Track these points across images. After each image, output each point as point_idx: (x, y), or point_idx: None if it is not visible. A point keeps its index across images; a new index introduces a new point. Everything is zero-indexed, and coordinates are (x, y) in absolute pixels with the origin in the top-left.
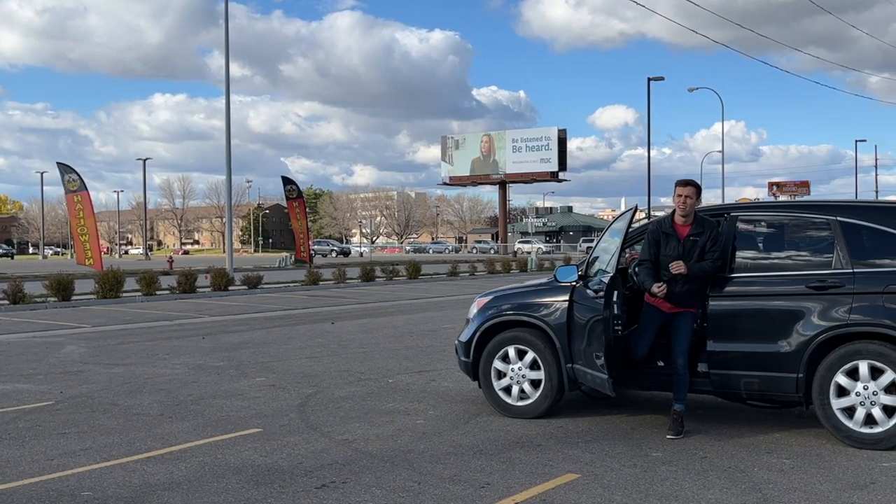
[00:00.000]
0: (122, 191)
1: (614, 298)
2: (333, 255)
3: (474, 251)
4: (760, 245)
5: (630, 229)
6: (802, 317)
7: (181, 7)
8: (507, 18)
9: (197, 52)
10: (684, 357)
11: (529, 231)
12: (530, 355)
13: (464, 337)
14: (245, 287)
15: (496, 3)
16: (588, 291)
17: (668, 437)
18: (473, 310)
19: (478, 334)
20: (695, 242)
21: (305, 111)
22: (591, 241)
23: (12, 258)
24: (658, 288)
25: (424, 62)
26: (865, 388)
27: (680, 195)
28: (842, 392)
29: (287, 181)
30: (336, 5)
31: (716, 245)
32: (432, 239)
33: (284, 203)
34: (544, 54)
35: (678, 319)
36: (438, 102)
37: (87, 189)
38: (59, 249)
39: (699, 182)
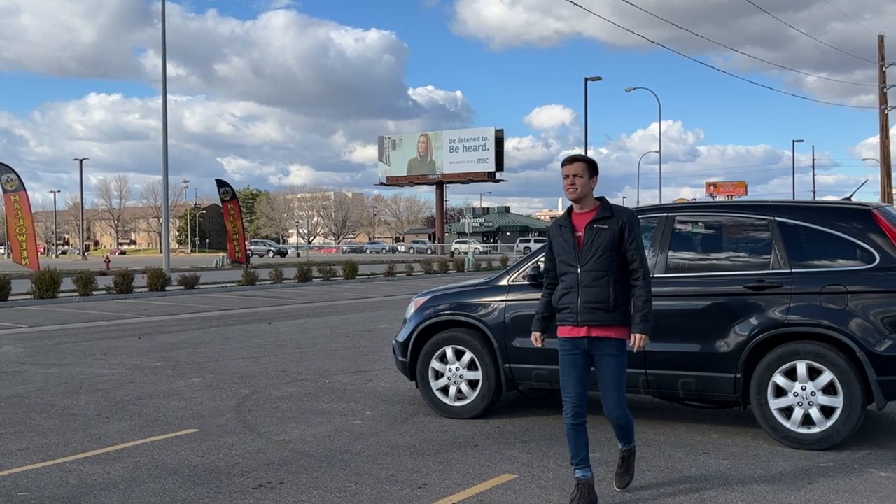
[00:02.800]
0: (58, 191)
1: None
2: (270, 255)
3: (411, 251)
4: (699, 245)
5: None
6: (740, 317)
7: (115, 6)
8: (443, 18)
9: (131, 52)
10: (621, 406)
11: (467, 231)
12: (468, 355)
13: (401, 337)
14: (182, 287)
15: (431, 3)
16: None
17: (616, 489)
18: (411, 310)
19: (415, 334)
20: (599, 232)
21: (241, 111)
22: (528, 241)
23: None
24: (537, 337)
25: (360, 62)
26: (803, 389)
27: (566, 175)
28: (780, 392)
29: (221, 183)
30: (270, 4)
31: (633, 238)
32: (369, 239)
33: (220, 203)
34: (480, 54)
35: (599, 357)
36: (374, 102)
37: (25, 189)
38: None
39: (594, 160)
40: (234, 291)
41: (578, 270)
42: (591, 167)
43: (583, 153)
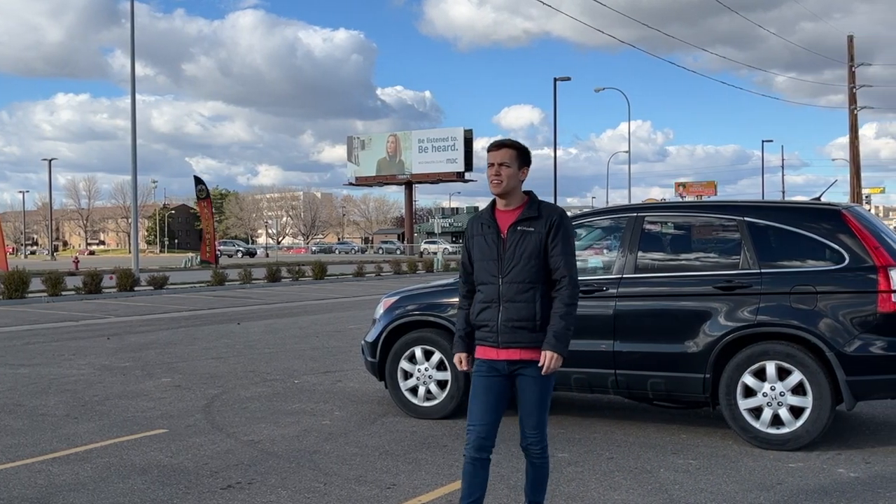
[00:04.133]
0: (27, 191)
1: None
2: (239, 255)
3: (380, 251)
4: (668, 245)
5: None
6: (709, 317)
7: (82, 5)
8: (410, 17)
9: (99, 51)
10: (541, 431)
11: (435, 231)
12: (437, 356)
13: (370, 337)
14: (151, 287)
15: (398, 2)
16: None
17: None
18: (380, 310)
19: (384, 335)
20: (524, 236)
21: (209, 111)
22: None
23: None
24: (462, 360)
25: (328, 61)
26: (772, 389)
27: (491, 164)
28: (749, 393)
29: (198, 181)
30: (238, 4)
31: (557, 241)
32: (338, 239)
33: (190, 203)
34: (448, 53)
35: (521, 378)
36: (343, 102)
37: None
38: None
39: (526, 147)
40: (203, 292)
41: (500, 281)
42: (522, 155)
43: (512, 139)
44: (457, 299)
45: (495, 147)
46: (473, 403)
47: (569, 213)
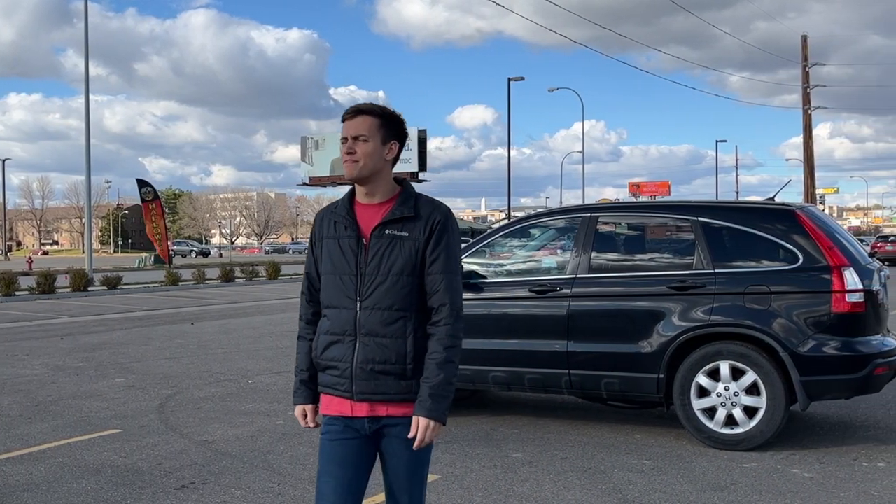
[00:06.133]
0: None
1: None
2: (193, 255)
3: None
4: (622, 246)
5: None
6: (664, 317)
7: (33, 5)
8: (363, 16)
9: (51, 51)
10: None
11: None
12: None
13: None
14: (105, 287)
15: (351, 1)
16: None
17: None
18: None
19: None
20: (395, 242)
21: (162, 110)
22: None
23: None
24: (307, 412)
25: (281, 61)
26: (726, 389)
27: (344, 138)
28: (703, 393)
29: (142, 183)
30: (190, 3)
31: (440, 252)
32: (292, 239)
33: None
34: (401, 53)
35: (388, 440)
36: (296, 102)
37: None
38: None
39: (396, 114)
40: (156, 292)
41: (358, 305)
42: (389, 125)
43: (376, 103)
44: None
45: (350, 115)
46: (323, 482)
47: (522, 213)
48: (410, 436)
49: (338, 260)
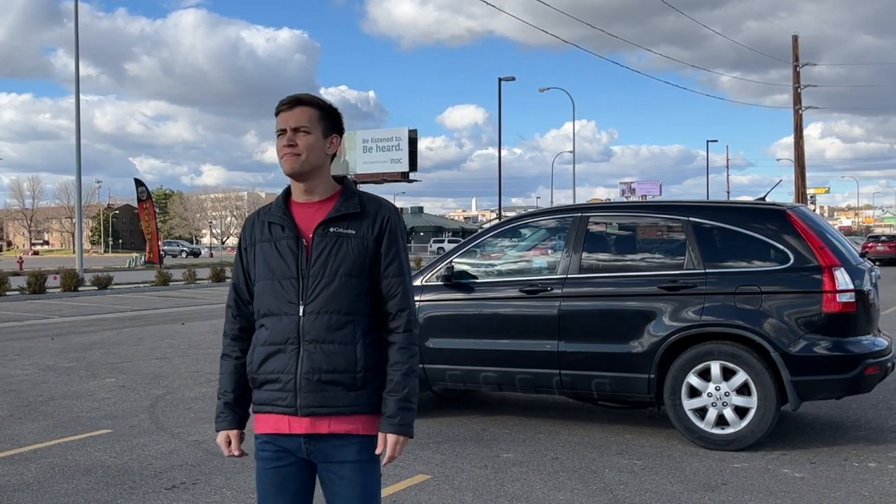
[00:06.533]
0: None
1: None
2: (183, 255)
3: None
4: (613, 246)
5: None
6: (654, 317)
7: (23, 5)
8: (353, 16)
9: (41, 51)
10: None
11: None
12: None
13: None
14: (95, 288)
15: (341, 1)
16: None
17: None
18: None
19: None
20: (340, 241)
21: (152, 110)
22: (442, 241)
23: None
24: (231, 438)
25: (271, 61)
26: (717, 389)
27: (281, 130)
28: (694, 393)
29: (139, 183)
30: (180, 3)
31: (394, 255)
32: None
33: (134, 203)
34: (392, 53)
35: (330, 459)
36: None
37: None
38: None
39: (334, 108)
40: (147, 292)
41: (301, 310)
42: (329, 118)
43: (310, 93)
44: None
45: (287, 105)
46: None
47: (513, 213)
48: (378, 451)
49: (275, 264)
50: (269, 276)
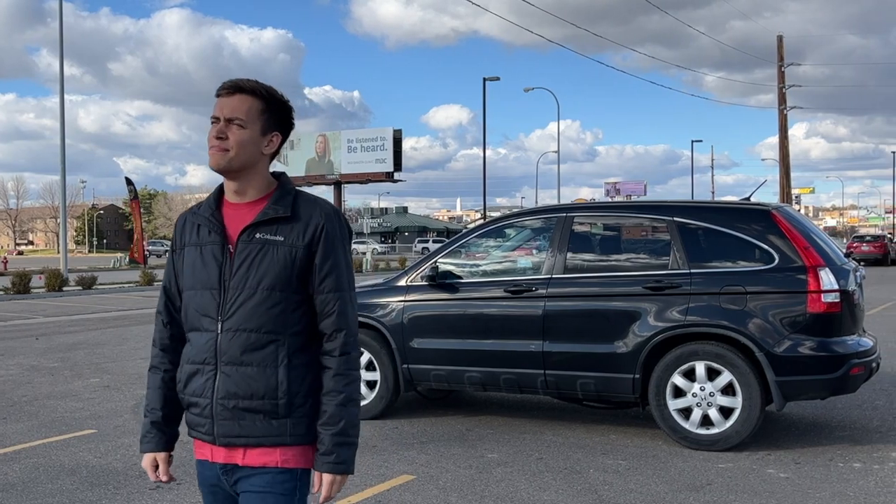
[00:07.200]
0: None
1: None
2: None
3: None
4: (598, 246)
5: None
6: (639, 317)
7: (6, 4)
8: (338, 16)
9: (24, 51)
10: None
11: (365, 232)
12: (366, 356)
13: None
14: (80, 288)
15: (325, 1)
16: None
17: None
18: None
19: None
20: (267, 249)
21: (136, 110)
22: (427, 241)
23: None
24: (159, 461)
25: (255, 61)
26: (702, 389)
27: (215, 119)
28: (678, 393)
29: (129, 182)
30: (164, 2)
31: (331, 264)
32: None
33: (118, 203)
34: (376, 52)
35: (246, 497)
36: None
37: None
38: None
39: (280, 96)
40: (132, 292)
41: (219, 327)
42: (272, 110)
43: (257, 80)
44: (384, 300)
45: (226, 91)
46: None
47: (498, 214)
48: (314, 492)
49: (199, 272)
50: (193, 284)
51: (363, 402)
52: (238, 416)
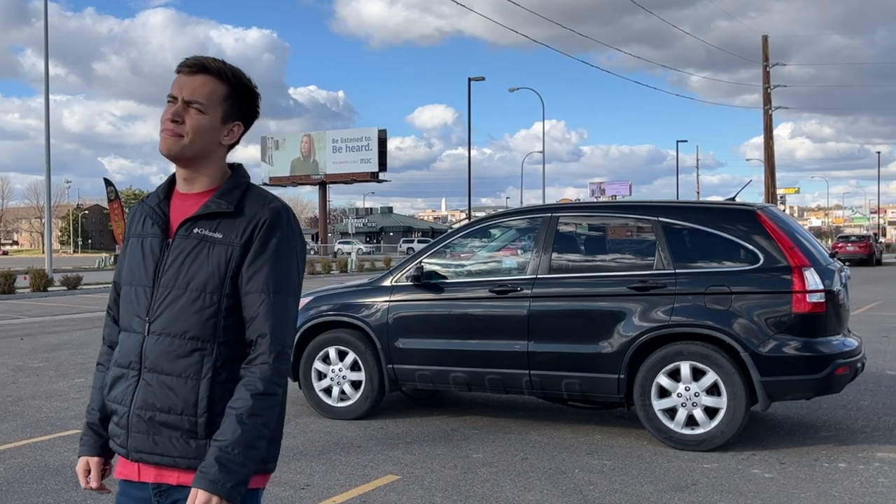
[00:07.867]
0: None
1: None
2: None
3: None
4: (583, 246)
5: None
6: (624, 318)
7: None
8: (322, 16)
9: (9, 51)
10: None
11: (350, 232)
12: (351, 356)
13: None
14: (65, 288)
15: (310, 1)
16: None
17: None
18: None
19: (298, 335)
20: (203, 246)
21: (121, 110)
22: (412, 241)
23: None
24: (92, 467)
25: (240, 61)
26: (687, 390)
27: (172, 98)
28: (663, 393)
29: (107, 182)
30: (149, 2)
31: (264, 264)
32: None
33: (103, 204)
34: (361, 52)
35: None
36: None
37: None
38: None
39: (245, 78)
40: None
41: (146, 328)
42: (239, 98)
43: (224, 61)
44: (369, 300)
45: (188, 69)
46: None
47: (483, 214)
48: None
49: (136, 266)
50: (130, 280)
51: (348, 403)
52: (153, 431)
